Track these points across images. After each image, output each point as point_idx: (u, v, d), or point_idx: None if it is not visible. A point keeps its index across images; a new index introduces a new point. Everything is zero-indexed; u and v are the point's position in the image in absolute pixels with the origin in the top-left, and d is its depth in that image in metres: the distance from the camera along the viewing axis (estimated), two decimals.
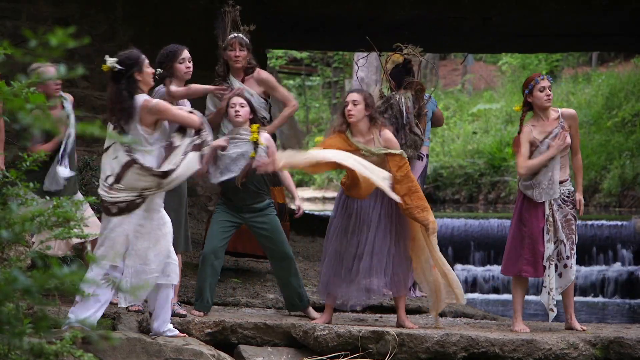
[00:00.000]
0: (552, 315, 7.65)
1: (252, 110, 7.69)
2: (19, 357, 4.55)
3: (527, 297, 8.03)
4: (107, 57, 6.72)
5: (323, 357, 7.20)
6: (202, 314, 7.53)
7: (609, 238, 14.73)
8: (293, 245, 10.11)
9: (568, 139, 7.61)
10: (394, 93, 8.36)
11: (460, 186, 24.28)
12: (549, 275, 7.59)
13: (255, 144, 7.59)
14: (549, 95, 7.58)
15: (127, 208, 6.60)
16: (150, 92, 7.02)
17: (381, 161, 7.39)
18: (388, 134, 7.49)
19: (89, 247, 7.54)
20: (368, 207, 7.48)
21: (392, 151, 7.42)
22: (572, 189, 7.71)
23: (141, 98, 6.64)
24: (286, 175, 7.83)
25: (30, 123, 3.35)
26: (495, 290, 14.60)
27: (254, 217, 7.73)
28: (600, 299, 13.94)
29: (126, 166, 6.57)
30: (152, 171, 6.57)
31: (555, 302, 7.64)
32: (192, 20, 10.48)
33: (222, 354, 7.02)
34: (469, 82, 31.41)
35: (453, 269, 12.29)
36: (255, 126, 7.62)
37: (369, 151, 7.39)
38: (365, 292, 7.49)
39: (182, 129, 6.74)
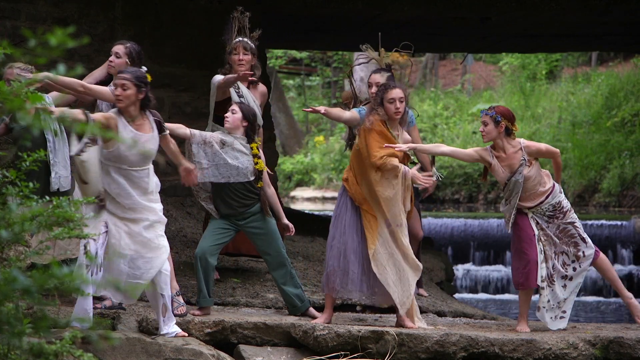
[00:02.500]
0: (563, 323, 7.71)
1: (247, 119, 7.64)
2: (19, 357, 4.55)
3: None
4: None
5: (323, 357, 7.20)
6: (201, 313, 7.54)
7: (609, 238, 14.74)
8: (293, 246, 10.10)
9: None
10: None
11: (460, 186, 24.29)
12: (545, 295, 7.64)
13: (261, 172, 7.66)
14: (482, 131, 7.68)
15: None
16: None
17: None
18: (406, 135, 7.63)
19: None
20: None
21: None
22: (557, 200, 7.72)
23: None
24: (271, 193, 7.82)
25: (30, 123, 3.35)
26: (495, 290, 14.60)
27: (249, 222, 7.75)
28: (600, 298, 13.95)
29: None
30: None
31: (562, 312, 7.69)
32: (192, 20, 10.47)
33: (222, 353, 7.02)
34: (469, 82, 31.41)
35: (453, 269, 12.34)
36: (254, 145, 7.62)
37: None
38: (373, 291, 7.54)
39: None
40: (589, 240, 7.83)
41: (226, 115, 7.63)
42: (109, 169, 6.79)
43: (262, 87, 8.31)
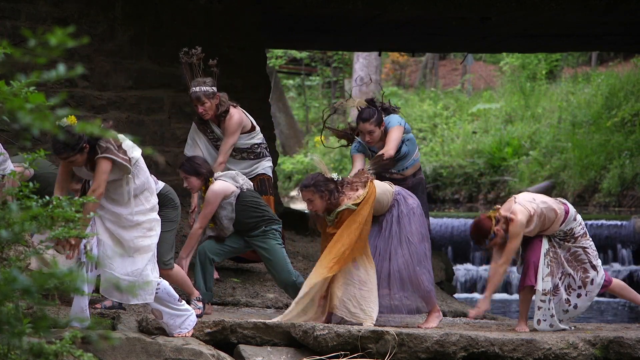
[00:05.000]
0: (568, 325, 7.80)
1: (197, 174, 7.73)
2: (19, 357, 4.55)
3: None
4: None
5: (323, 357, 7.19)
6: (199, 311, 7.55)
7: (609, 238, 14.74)
8: (293, 245, 10.11)
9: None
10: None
11: (460, 186, 24.28)
12: (539, 308, 7.67)
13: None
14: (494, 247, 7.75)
15: None
16: None
17: (346, 215, 7.55)
18: (344, 202, 7.58)
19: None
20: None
21: (339, 209, 7.53)
22: (569, 227, 7.73)
23: None
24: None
25: (30, 123, 3.35)
26: (495, 290, 14.60)
27: (253, 239, 7.87)
28: (600, 298, 13.94)
29: None
30: None
31: (565, 325, 7.77)
32: (192, 20, 10.47)
33: (222, 353, 7.01)
34: (469, 82, 31.42)
35: (453, 269, 12.34)
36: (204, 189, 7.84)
37: (330, 220, 7.59)
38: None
39: None
40: (600, 268, 7.82)
41: (185, 184, 7.84)
42: None
43: (230, 118, 8.32)
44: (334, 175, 7.64)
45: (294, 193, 28.01)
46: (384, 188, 7.66)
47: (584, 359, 7.31)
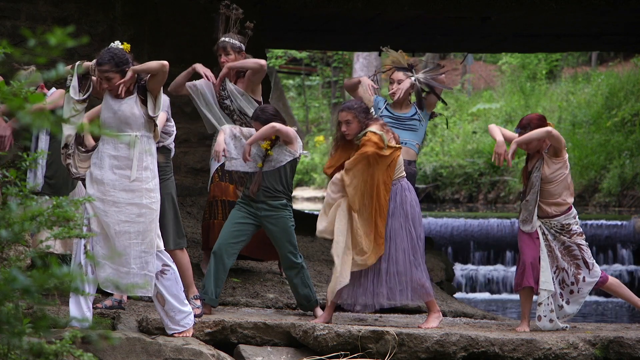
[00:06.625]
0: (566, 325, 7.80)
1: (277, 118, 7.72)
2: (19, 356, 4.55)
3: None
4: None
5: (323, 357, 7.20)
6: (198, 311, 7.53)
7: (609, 238, 14.75)
8: None
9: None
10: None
11: (460, 186, 24.29)
12: (540, 304, 7.67)
13: (266, 154, 7.74)
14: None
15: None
16: None
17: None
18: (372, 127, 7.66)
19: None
20: None
21: (367, 130, 7.56)
22: (567, 222, 7.73)
23: None
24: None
25: (30, 123, 3.36)
26: (495, 290, 14.61)
27: (267, 214, 7.76)
28: (600, 298, 13.95)
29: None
30: None
31: (563, 325, 7.76)
32: (192, 20, 10.48)
33: (222, 353, 7.02)
34: (469, 81, 31.42)
35: (453, 269, 12.35)
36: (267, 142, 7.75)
37: (358, 139, 7.62)
38: (376, 298, 7.58)
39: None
40: (595, 267, 7.79)
41: (276, 127, 7.69)
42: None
43: (248, 74, 8.36)
44: (373, 112, 7.80)
45: (294, 193, 28.01)
46: (401, 162, 7.72)
47: (584, 359, 7.31)
